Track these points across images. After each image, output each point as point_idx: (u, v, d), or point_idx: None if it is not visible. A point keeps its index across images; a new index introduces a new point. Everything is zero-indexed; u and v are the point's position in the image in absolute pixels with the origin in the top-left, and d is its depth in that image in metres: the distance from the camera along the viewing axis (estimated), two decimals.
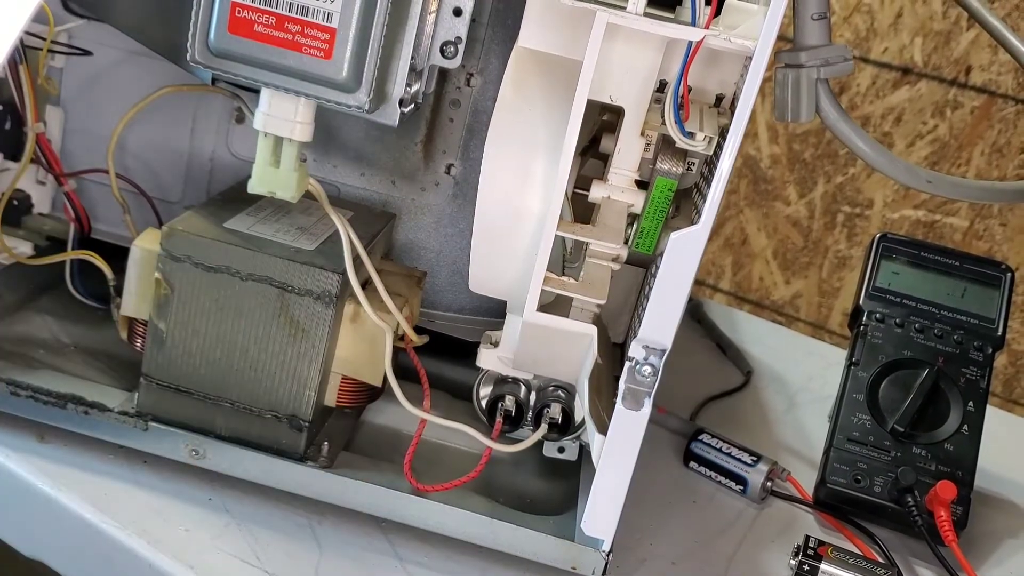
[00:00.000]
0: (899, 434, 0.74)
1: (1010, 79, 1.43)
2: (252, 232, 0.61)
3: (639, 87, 0.58)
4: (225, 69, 0.54)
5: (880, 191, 1.53)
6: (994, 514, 0.78)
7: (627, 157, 0.60)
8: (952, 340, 0.78)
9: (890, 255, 0.81)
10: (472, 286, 0.62)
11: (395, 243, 0.75)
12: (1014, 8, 1.40)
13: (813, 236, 1.61)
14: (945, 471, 0.73)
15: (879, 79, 1.51)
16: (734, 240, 1.68)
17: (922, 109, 1.49)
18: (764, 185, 1.63)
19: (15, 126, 0.71)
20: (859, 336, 0.78)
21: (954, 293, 0.80)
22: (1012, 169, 1.45)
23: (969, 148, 1.47)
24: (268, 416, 0.60)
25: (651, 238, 0.62)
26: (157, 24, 0.63)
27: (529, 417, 0.65)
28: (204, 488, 0.62)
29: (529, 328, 0.58)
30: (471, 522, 0.60)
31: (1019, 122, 1.44)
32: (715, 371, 0.93)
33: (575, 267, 0.61)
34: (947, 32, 1.46)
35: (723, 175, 0.51)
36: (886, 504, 0.72)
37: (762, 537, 0.71)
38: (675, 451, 0.77)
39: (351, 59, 0.53)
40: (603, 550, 0.58)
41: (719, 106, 0.62)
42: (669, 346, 0.54)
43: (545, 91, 0.58)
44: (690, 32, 0.53)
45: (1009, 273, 0.80)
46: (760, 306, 1.67)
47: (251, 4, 0.52)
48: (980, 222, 1.47)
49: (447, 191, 0.74)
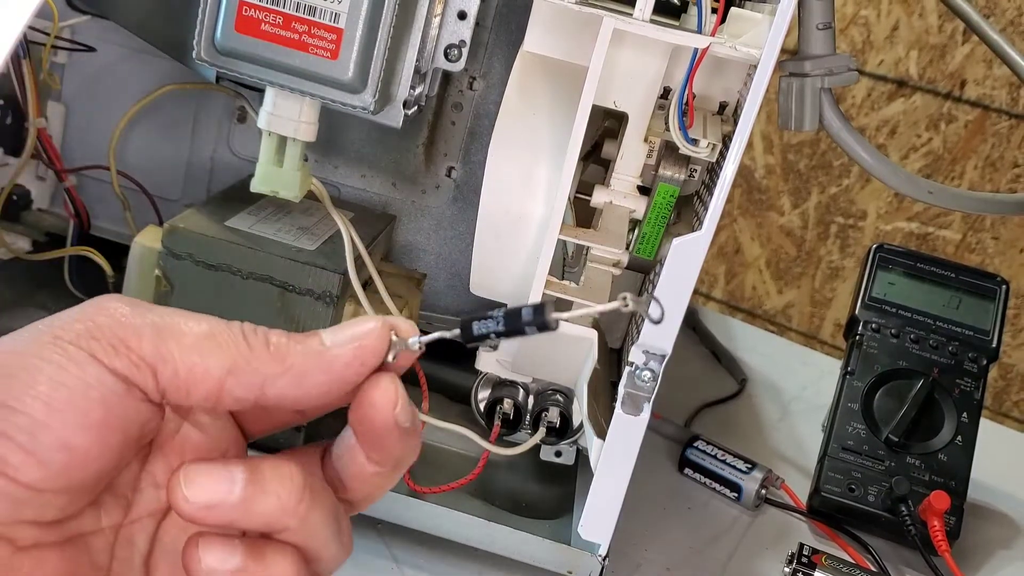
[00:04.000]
0: (893, 444, 0.74)
1: (1004, 93, 1.44)
2: (253, 231, 0.61)
3: (644, 93, 0.58)
4: (231, 68, 0.54)
5: (874, 203, 1.54)
6: (986, 525, 0.79)
7: (630, 163, 0.60)
8: (947, 351, 0.78)
9: (886, 266, 0.82)
10: (473, 288, 0.62)
11: (395, 245, 0.75)
12: (1009, 23, 1.41)
13: (806, 246, 1.61)
14: (939, 481, 0.73)
15: (874, 91, 1.52)
16: (728, 249, 1.69)
17: (916, 122, 1.50)
18: (758, 195, 1.63)
19: (16, 121, 0.70)
20: (854, 346, 0.79)
21: (949, 304, 0.80)
22: (1005, 183, 1.46)
23: (963, 161, 1.48)
24: None
25: (652, 244, 0.62)
26: (161, 21, 0.63)
27: (527, 420, 0.65)
28: None
29: None
30: (468, 525, 0.60)
31: (1012, 136, 1.45)
32: (710, 378, 0.93)
33: (575, 271, 0.62)
34: (942, 46, 1.47)
35: (726, 182, 0.51)
36: (880, 513, 0.72)
37: (756, 544, 0.71)
38: (670, 457, 0.78)
39: (357, 60, 0.53)
40: (599, 555, 0.58)
41: (722, 113, 0.62)
42: (669, 351, 0.54)
43: (549, 96, 0.58)
44: (696, 39, 0.53)
45: (1004, 285, 0.81)
46: (752, 315, 1.68)
47: (259, 3, 0.52)
48: (973, 235, 1.48)
49: (448, 194, 0.74)
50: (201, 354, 0.31)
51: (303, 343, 0.33)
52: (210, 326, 0.32)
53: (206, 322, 0.32)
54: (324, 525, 0.34)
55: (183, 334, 0.32)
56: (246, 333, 0.33)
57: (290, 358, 0.33)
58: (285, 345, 0.33)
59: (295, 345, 0.33)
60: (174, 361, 0.31)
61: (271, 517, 0.32)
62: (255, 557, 0.33)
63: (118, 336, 0.31)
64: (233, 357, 0.32)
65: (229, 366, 0.32)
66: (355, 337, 0.33)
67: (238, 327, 0.33)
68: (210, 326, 0.32)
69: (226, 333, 0.32)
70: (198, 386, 0.32)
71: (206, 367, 0.31)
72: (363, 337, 0.33)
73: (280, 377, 0.32)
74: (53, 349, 0.30)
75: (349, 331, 0.34)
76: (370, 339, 0.33)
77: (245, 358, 0.32)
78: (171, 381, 0.31)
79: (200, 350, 0.32)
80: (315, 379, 0.33)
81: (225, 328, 0.33)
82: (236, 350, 0.32)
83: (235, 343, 0.32)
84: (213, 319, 0.33)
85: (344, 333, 0.34)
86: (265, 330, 0.33)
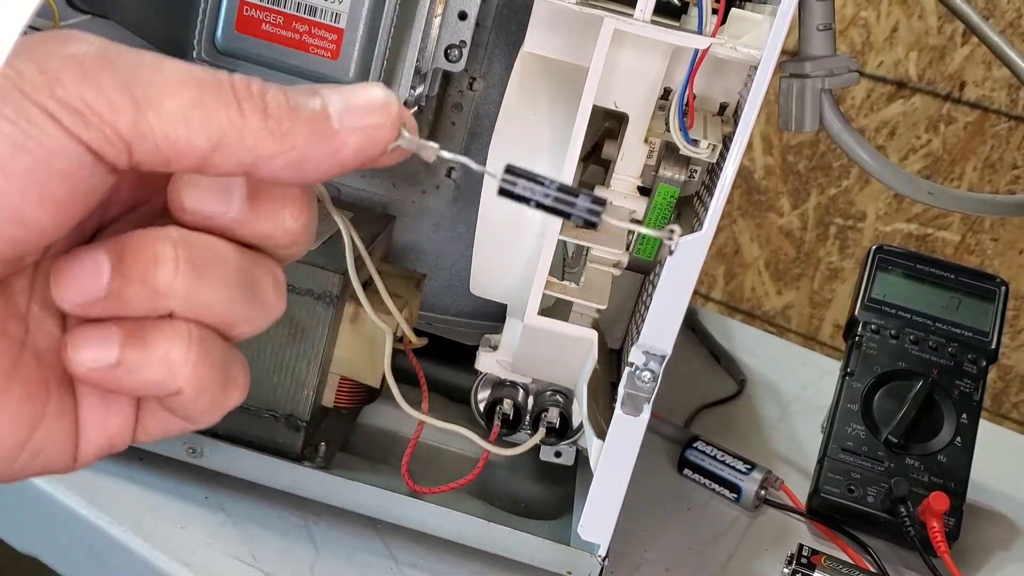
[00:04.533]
0: (893, 445, 0.74)
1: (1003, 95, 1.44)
2: None
3: (644, 94, 0.58)
4: (231, 67, 0.54)
5: (873, 204, 1.54)
6: (985, 526, 0.79)
7: (630, 163, 0.60)
8: (946, 352, 0.78)
9: (886, 267, 0.82)
10: (473, 289, 0.62)
11: (394, 245, 0.75)
12: (1008, 25, 1.41)
13: (805, 247, 1.61)
14: (938, 482, 0.73)
15: (874, 92, 1.52)
16: (727, 250, 1.69)
17: (916, 123, 1.50)
18: (757, 196, 1.63)
19: None
20: (854, 347, 0.79)
21: (949, 306, 0.80)
22: (1004, 185, 1.46)
23: (962, 163, 1.48)
24: (266, 415, 0.60)
25: (652, 244, 0.62)
26: (162, 21, 0.63)
27: (527, 421, 0.65)
28: (200, 486, 0.61)
29: (530, 331, 0.58)
30: (467, 525, 0.60)
31: (1012, 138, 1.45)
32: (709, 379, 0.93)
33: (575, 272, 0.62)
34: (942, 47, 1.47)
35: (727, 182, 0.51)
36: (879, 514, 0.72)
37: (755, 545, 0.71)
38: (669, 458, 0.78)
39: (358, 60, 0.53)
40: (599, 555, 0.58)
41: (723, 114, 0.62)
42: (669, 352, 0.54)
43: (550, 96, 0.58)
44: (697, 40, 0.53)
45: (1003, 287, 0.81)
46: (751, 316, 1.68)
47: (259, 3, 0.52)
48: (972, 236, 1.48)
49: (447, 194, 0.74)
50: (187, 125, 0.27)
51: (309, 116, 0.28)
52: (198, 89, 0.27)
53: (192, 80, 0.27)
54: (220, 293, 0.29)
55: (165, 98, 0.27)
56: (238, 92, 0.28)
57: (291, 137, 0.28)
58: (287, 114, 0.28)
59: (298, 118, 0.28)
60: (153, 136, 0.27)
61: (146, 306, 0.28)
62: (137, 346, 0.28)
63: (86, 102, 0.26)
64: (223, 128, 0.27)
65: (218, 139, 0.27)
66: (368, 110, 0.29)
67: (228, 84, 0.28)
68: (198, 89, 0.27)
69: (216, 97, 0.27)
70: (178, 161, 0.27)
71: (190, 140, 0.27)
72: (377, 121, 0.29)
73: (277, 158, 0.28)
74: (14, 106, 0.26)
75: (360, 104, 0.29)
76: (384, 129, 0.29)
77: (237, 131, 0.27)
78: (147, 155, 0.27)
79: (186, 120, 0.27)
80: (317, 165, 0.29)
81: (214, 87, 0.27)
82: (227, 119, 0.27)
83: (226, 109, 0.27)
84: (198, 70, 0.28)
85: (354, 108, 0.29)
86: (262, 86, 0.28)
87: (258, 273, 0.31)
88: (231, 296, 0.30)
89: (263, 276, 0.31)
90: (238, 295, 0.30)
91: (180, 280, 0.28)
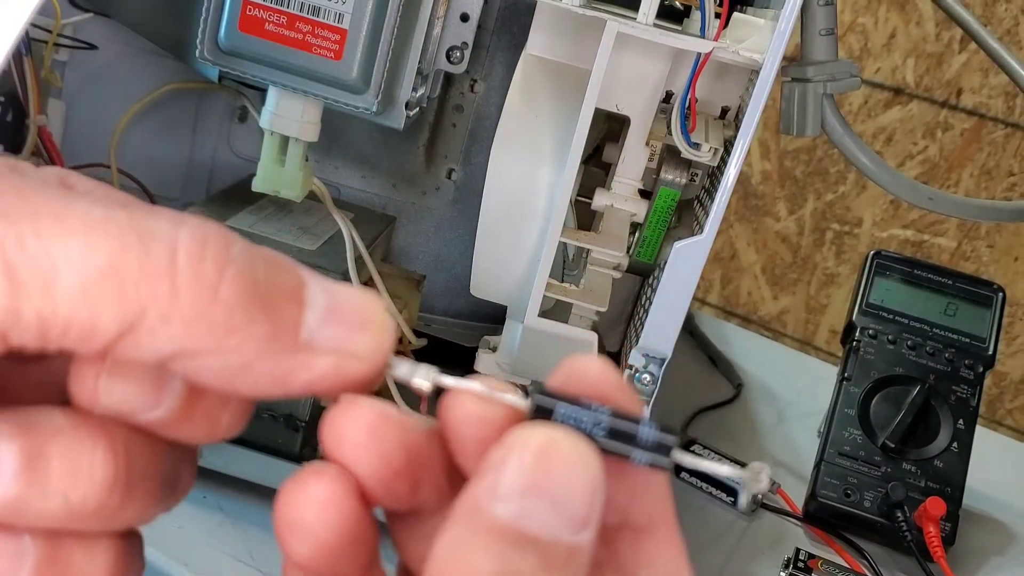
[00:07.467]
0: (889, 450, 0.74)
1: (1000, 102, 1.45)
2: (254, 231, 0.61)
3: (646, 97, 0.58)
4: (234, 67, 0.54)
5: (869, 209, 1.55)
6: (981, 531, 0.79)
7: (631, 166, 0.60)
8: (943, 358, 0.78)
9: (884, 272, 0.82)
10: (473, 290, 0.62)
11: (394, 246, 0.75)
12: (1005, 32, 1.42)
13: (802, 253, 1.62)
14: (934, 487, 0.73)
15: (871, 99, 1.52)
16: (723, 254, 1.69)
17: (913, 129, 1.51)
18: (754, 200, 1.64)
19: (17, 118, 0.70)
20: (851, 352, 0.79)
21: (946, 311, 0.80)
22: (1000, 191, 1.46)
23: (958, 170, 1.49)
24: (265, 415, 0.60)
25: (653, 247, 0.62)
26: (164, 20, 0.63)
27: None
28: (199, 486, 0.61)
29: (530, 333, 0.59)
30: None
31: (1008, 145, 1.45)
32: (706, 383, 0.94)
33: (575, 274, 0.62)
34: (939, 54, 1.47)
35: (728, 186, 0.51)
36: (876, 519, 0.72)
37: (752, 549, 0.71)
38: None
39: (361, 60, 0.53)
40: None
41: (724, 118, 0.62)
42: (669, 355, 0.54)
43: (552, 98, 0.58)
44: (699, 44, 0.53)
45: (1000, 293, 0.81)
46: (747, 321, 1.68)
47: (262, 3, 0.52)
48: (968, 243, 1.49)
49: (448, 196, 0.74)
50: (87, 304, 0.20)
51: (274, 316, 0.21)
52: (113, 252, 0.20)
53: (106, 238, 0.20)
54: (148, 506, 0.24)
55: (62, 271, 0.20)
56: (178, 261, 0.20)
57: (237, 335, 0.21)
58: (243, 304, 0.21)
59: (253, 315, 0.21)
60: (37, 320, 0.20)
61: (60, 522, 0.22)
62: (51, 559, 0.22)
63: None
64: (143, 308, 0.20)
65: (131, 321, 0.20)
66: (360, 324, 0.22)
67: (165, 247, 0.20)
68: (113, 252, 0.20)
69: (139, 265, 0.20)
70: (75, 346, 0.21)
71: (93, 323, 0.20)
72: (364, 346, 0.22)
73: (206, 356, 0.21)
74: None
75: (349, 314, 0.22)
76: (369, 359, 0.23)
77: (161, 314, 0.20)
78: (31, 342, 0.20)
79: (88, 298, 0.20)
80: (255, 382, 0.22)
81: (139, 250, 0.20)
82: (150, 297, 0.20)
83: (150, 284, 0.20)
84: (123, 218, 0.20)
85: (335, 328, 0.22)
86: (221, 259, 0.21)
87: (177, 468, 0.25)
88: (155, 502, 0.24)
89: (183, 468, 0.25)
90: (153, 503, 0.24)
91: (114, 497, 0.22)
